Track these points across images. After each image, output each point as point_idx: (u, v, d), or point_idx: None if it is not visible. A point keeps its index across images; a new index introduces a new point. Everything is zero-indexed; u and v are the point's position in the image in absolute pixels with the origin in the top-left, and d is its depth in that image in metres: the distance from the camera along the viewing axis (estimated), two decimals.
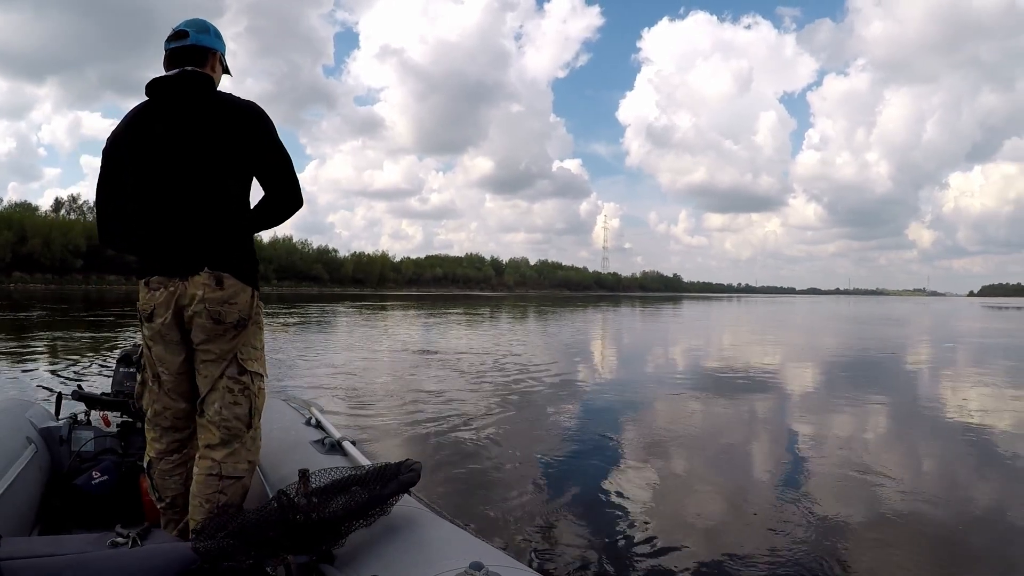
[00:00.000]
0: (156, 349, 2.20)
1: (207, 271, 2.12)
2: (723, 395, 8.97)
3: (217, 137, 2.14)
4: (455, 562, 1.45)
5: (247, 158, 2.18)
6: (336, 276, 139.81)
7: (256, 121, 2.19)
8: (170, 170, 2.14)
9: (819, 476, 5.05)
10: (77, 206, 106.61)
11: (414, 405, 7.50)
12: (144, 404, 2.29)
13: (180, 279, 2.12)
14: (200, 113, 2.16)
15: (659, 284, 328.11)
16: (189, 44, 2.23)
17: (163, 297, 2.13)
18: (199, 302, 2.10)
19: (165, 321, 2.14)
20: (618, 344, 19.20)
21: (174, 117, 2.16)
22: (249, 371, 2.21)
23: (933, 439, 6.65)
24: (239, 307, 2.16)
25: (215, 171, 2.15)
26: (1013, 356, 16.08)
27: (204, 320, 2.12)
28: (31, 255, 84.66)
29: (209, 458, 2.15)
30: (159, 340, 2.18)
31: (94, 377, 8.73)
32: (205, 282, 2.11)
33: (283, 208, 2.27)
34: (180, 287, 2.12)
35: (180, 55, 2.23)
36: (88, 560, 1.55)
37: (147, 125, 2.18)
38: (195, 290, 2.11)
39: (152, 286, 2.15)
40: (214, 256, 2.14)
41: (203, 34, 2.27)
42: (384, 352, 13.79)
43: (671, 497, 4.56)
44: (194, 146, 2.14)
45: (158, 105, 2.19)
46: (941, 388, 10.59)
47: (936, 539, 3.87)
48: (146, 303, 2.16)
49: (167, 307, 2.13)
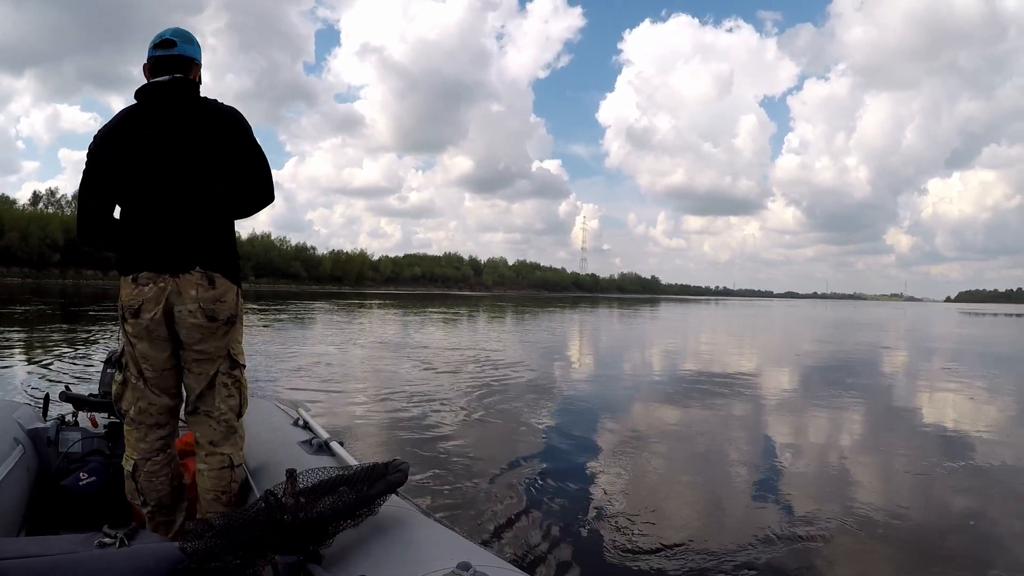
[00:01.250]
0: (141, 346, 2.21)
1: (199, 270, 2.19)
2: (703, 398, 9.06)
3: (206, 141, 2.23)
4: (443, 562, 1.46)
5: (231, 161, 2.27)
6: (314, 274, 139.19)
7: (239, 127, 2.31)
8: (161, 171, 2.20)
9: (797, 476, 5.13)
10: (55, 200, 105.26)
11: (401, 405, 7.51)
12: (125, 405, 2.29)
13: (171, 276, 2.16)
14: (190, 118, 2.24)
15: (637, 286, 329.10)
16: (176, 53, 2.30)
17: (152, 292, 2.16)
18: (192, 301, 2.17)
19: (154, 317, 2.17)
20: (600, 346, 19.31)
21: (165, 121, 2.22)
22: (240, 364, 2.35)
23: (908, 440, 6.75)
24: (228, 305, 2.25)
25: (204, 173, 2.23)
26: (989, 360, 16.35)
27: (199, 319, 2.19)
28: (8, 248, 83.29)
29: (218, 453, 2.30)
30: (145, 336, 2.20)
31: (80, 377, 8.65)
32: (198, 281, 2.18)
33: (257, 203, 2.40)
34: (171, 284, 2.16)
35: (167, 63, 2.29)
36: (76, 560, 1.54)
37: (137, 128, 2.22)
38: (188, 288, 2.17)
39: (140, 281, 2.16)
40: (206, 256, 2.21)
41: (188, 44, 2.35)
42: (368, 350, 13.77)
43: (656, 496, 4.63)
44: (185, 149, 2.21)
45: (149, 109, 2.25)
46: (916, 391, 10.75)
47: (911, 538, 3.94)
48: (132, 298, 2.17)
49: (156, 303, 2.16)
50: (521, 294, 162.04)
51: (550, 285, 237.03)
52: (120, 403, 2.30)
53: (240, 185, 2.33)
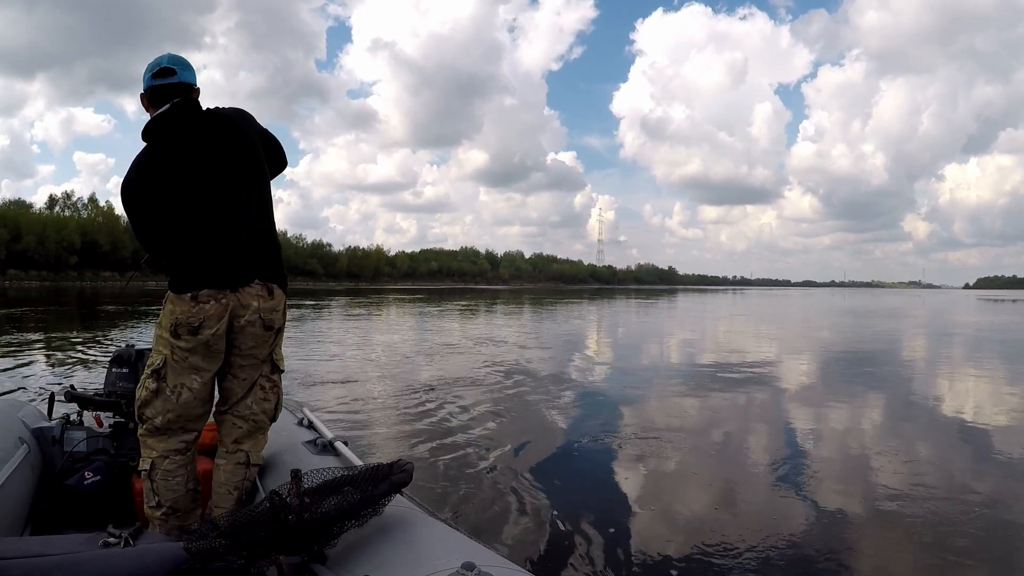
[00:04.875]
0: (193, 359, 2.24)
1: (259, 282, 2.27)
2: (721, 390, 8.99)
3: (235, 152, 2.32)
4: (447, 562, 1.46)
5: (259, 158, 2.39)
6: (331, 271, 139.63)
7: (249, 123, 2.40)
8: (209, 192, 2.26)
9: (818, 470, 5.07)
10: (71, 203, 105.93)
11: (412, 400, 7.52)
12: (150, 412, 2.27)
13: (232, 291, 2.22)
14: (211, 136, 2.30)
15: (654, 277, 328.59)
16: (177, 82, 2.35)
17: (215, 310, 2.20)
18: (254, 312, 2.25)
19: (217, 332, 2.22)
20: (616, 337, 19.22)
21: (189, 147, 2.27)
22: (280, 369, 2.44)
23: (931, 433, 6.68)
24: (281, 313, 2.36)
25: (246, 184, 2.33)
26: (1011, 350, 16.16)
27: (257, 329, 2.28)
28: (25, 252, 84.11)
29: (238, 449, 2.36)
30: (202, 351, 2.23)
31: (86, 376, 8.72)
32: (259, 293, 2.27)
33: (276, 173, 2.56)
34: (232, 298, 2.22)
35: (168, 92, 2.34)
36: (80, 560, 1.54)
37: (165, 161, 2.26)
38: (250, 300, 2.25)
39: (201, 299, 2.19)
40: (264, 268, 2.31)
41: (186, 71, 2.39)
42: (379, 349, 13.78)
43: (666, 494, 4.57)
44: (221, 166, 2.29)
45: (168, 141, 2.28)
46: (938, 381, 10.64)
47: (933, 533, 3.89)
48: (192, 316, 2.19)
49: (219, 319, 2.21)
50: (539, 287, 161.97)
51: (567, 278, 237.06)
52: (144, 410, 2.29)
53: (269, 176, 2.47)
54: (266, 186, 2.42)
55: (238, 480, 2.34)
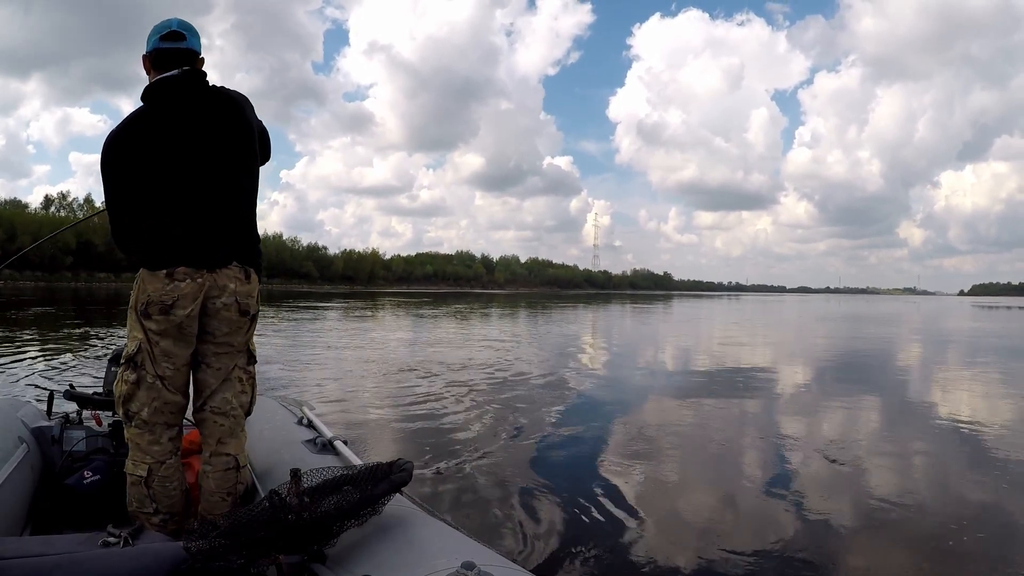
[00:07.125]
0: (164, 344, 2.16)
1: (237, 264, 2.22)
2: (718, 395, 8.99)
3: (230, 132, 2.26)
4: (447, 561, 1.46)
5: (252, 145, 2.33)
6: (326, 273, 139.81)
7: (250, 109, 2.35)
8: (194, 167, 2.19)
9: (812, 474, 5.08)
10: (67, 203, 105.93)
11: (409, 402, 7.49)
12: (135, 406, 2.21)
13: (208, 271, 2.16)
14: (210, 111, 2.23)
15: (649, 282, 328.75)
16: (185, 47, 2.26)
17: (190, 288, 2.13)
18: (230, 294, 2.19)
19: (190, 313, 2.15)
20: (613, 343, 19.22)
21: (187, 117, 2.20)
22: (255, 359, 2.39)
23: (925, 437, 6.69)
24: (255, 299, 2.31)
25: (234, 165, 2.26)
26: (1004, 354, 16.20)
27: (232, 313, 2.22)
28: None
29: (223, 453, 2.29)
30: (173, 333, 2.15)
31: (85, 376, 8.69)
32: (237, 275, 2.22)
33: (262, 162, 2.50)
34: (208, 279, 2.16)
35: (175, 56, 2.25)
36: (79, 560, 1.54)
37: (158, 127, 2.18)
38: (227, 282, 2.19)
39: (177, 277, 2.12)
40: (242, 250, 2.26)
41: (195, 37, 2.31)
42: (378, 350, 13.76)
43: (664, 495, 4.58)
44: (214, 142, 2.22)
45: (166, 106, 2.20)
46: (932, 387, 10.67)
47: (927, 536, 3.90)
48: (164, 294, 2.11)
49: (193, 299, 2.14)
50: (534, 292, 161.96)
51: (562, 282, 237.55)
52: (129, 404, 2.21)
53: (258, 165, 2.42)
54: (257, 174, 2.38)
55: (229, 486, 2.27)
